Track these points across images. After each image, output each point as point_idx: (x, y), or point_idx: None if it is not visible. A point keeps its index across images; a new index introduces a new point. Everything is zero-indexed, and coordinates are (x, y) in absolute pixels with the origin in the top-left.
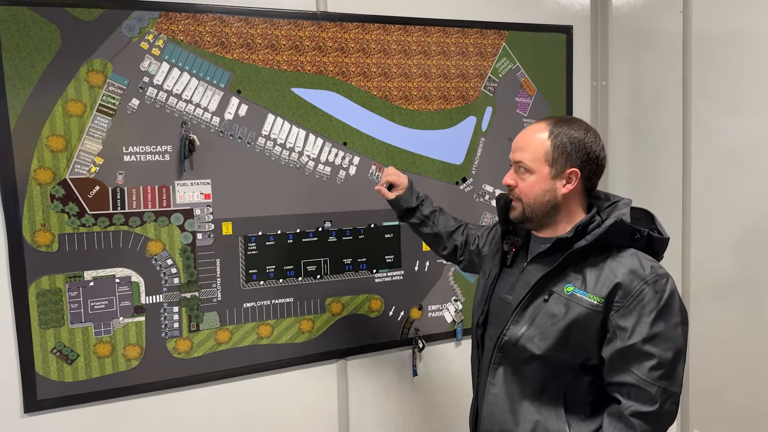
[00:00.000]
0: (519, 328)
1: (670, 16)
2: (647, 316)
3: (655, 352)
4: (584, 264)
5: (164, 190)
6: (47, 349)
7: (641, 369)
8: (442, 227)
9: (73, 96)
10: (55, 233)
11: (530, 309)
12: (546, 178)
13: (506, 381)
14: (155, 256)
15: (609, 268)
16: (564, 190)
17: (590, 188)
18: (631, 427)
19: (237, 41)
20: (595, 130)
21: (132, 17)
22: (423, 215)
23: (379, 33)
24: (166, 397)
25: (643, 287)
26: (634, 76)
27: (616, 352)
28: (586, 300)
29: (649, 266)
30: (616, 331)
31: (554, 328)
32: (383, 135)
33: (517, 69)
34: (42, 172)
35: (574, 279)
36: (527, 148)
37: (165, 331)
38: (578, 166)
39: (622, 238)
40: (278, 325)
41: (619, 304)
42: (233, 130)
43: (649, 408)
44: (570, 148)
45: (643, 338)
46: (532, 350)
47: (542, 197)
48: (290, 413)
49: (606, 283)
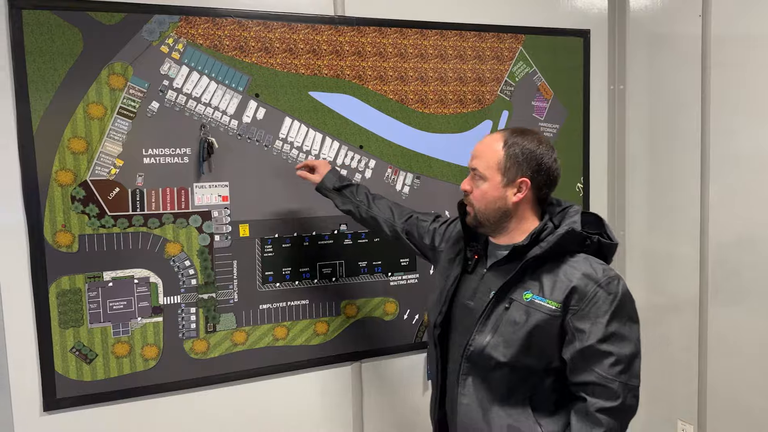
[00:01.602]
0: (484, 337)
1: (689, 19)
2: (602, 317)
3: (613, 350)
4: (540, 270)
5: (183, 192)
6: (67, 348)
7: (602, 367)
8: (380, 211)
9: (94, 99)
10: (75, 234)
11: (492, 318)
12: (498, 186)
13: (476, 390)
14: (173, 258)
15: (564, 273)
16: (515, 199)
17: (542, 198)
18: (598, 423)
19: (255, 45)
20: (550, 143)
21: (153, 21)
22: (357, 200)
23: (396, 37)
24: (183, 397)
25: (597, 290)
26: (652, 80)
27: (577, 353)
28: (545, 306)
29: (601, 269)
30: (575, 333)
31: (517, 335)
32: (399, 138)
33: (534, 73)
34: (63, 174)
35: (532, 286)
36: (482, 157)
37: (182, 332)
38: (529, 176)
39: (574, 245)
40: (294, 327)
41: (575, 307)
42: (251, 133)
43: (612, 403)
44: (522, 159)
45: (600, 338)
46: (498, 358)
47: (493, 204)
48: (305, 415)
49: (562, 288)
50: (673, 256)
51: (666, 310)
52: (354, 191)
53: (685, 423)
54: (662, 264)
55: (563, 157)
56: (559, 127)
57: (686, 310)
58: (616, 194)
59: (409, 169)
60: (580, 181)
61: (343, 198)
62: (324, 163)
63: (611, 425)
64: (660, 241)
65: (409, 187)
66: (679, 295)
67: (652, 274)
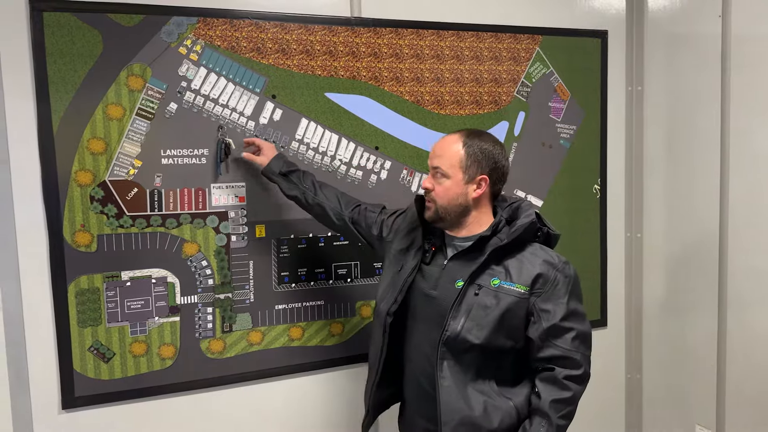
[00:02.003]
0: (458, 323)
1: (708, 20)
2: (563, 297)
3: (574, 326)
4: (503, 259)
5: (200, 192)
6: (85, 347)
7: (565, 341)
8: (327, 200)
9: (113, 100)
10: (94, 234)
11: (464, 304)
12: (460, 182)
13: (452, 372)
14: (191, 258)
15: (527, 260)
16: (474, 195)
17: (496, 193)
18: (566, 387)
19: (272, 47)
20: (502, 143)
21: (171, 23)
22: (304, 186)
23: (412, 38)
24: (199, 396)
25: (556, 274)
26: (670, 81)
27: (543, 332)
28: (514, 290)
29: (555, 256)
30: (540, 313)
31: (489, 318)
32: (415, 139)
33: (551, 74)
34: (82, 174)
35: (498, 273)
36: (444, 156)
37: (199, 332)
38: (487, 173)
39: (530, 235)
40: (309, 328)
41: (539, 290)
42: (268, 134)
43: (577, 372)
44: (481, 158)
45: (562, 316)
46: (472, 340)
47: (456, 200)
48: (320, 415)
49: (528, 273)
50: (691, 258)
51: (684, 312)
52: (300, 177)
53: (704, 428)
54: (681, 266)
55: (579, 159)
56: (576, 128)
57: (705, 312)
58: (633, 196)
59: (425, 170)
60: (597, 183)
61: (289, 183)
62: (270, 146)
63: (576, 390)
64: (678, 242)
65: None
66: (697, 297)
67: (670, 275)
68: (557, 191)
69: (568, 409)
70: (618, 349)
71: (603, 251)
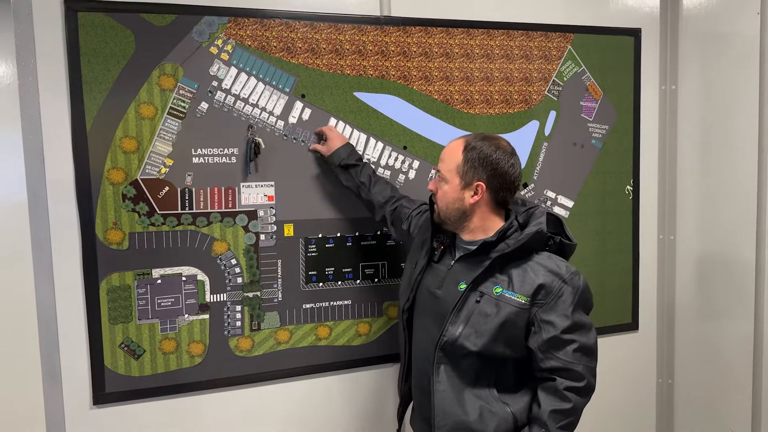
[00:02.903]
0: (456, 329)
1: (745, 17)
2: (567, 309)
3: (576, 338)
4: (508, 267)
5: (230, 191)
6: (116, 343)
7: (566, 353)
8: (376, 195)
9: (145, 99)
10: (125, 232)
11: (464, 310)
12: (457, 188)
13: (449, 377)
14: (220, 256)
15: (531, 270)
16: (471, 201)
17: (501, 200)
18: (566, 398)
19: (302, 46)
20: (510, 149)
21: (202, 23)
22: (360, 181)
23: (441, 37)
24: (228, 394)
25: (561, 285)
26: (705, 80)
27: (543, 343)
28: (515, 300)
29: (564, 266)
30: (541, 324)
31: (488, 326)
32: (444, 139)
33: (583, 72)
34: (115, 172)
35: (501, 281)
36: (445, 160)
37: (228, 329)
38: (484, 179)
39: (539, 244)
40: (336, 327)
41: (542, 301)
42: (297, 134)
43: (578, 384)
44: (478, 164)
45: (564, 328)
46: (469, 347)
47: (453, 204)
48: (347, 415)
49: (530, 283)
50: (726, 263)
51: (719, 317)
52: (358, 172)
53: None
54: (715, 270)
55: (612, 159)
56: (608, 128)
57: (740, 317)
58: (667, 198)
59: None
60: (630, 184)
61: (346, 176)
62: (338, 137)
63: (577, 402)
64: (713, 245)
65: None
66: (732, 302)
67: (704, 280)
68: (588, 192)
69: (568, 420)
70: (649, 353)
71: (635, 253)
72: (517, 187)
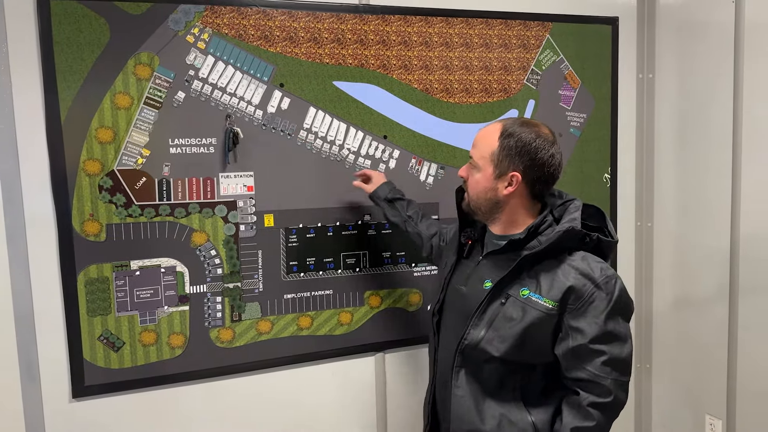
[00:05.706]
0: (478, 332)
1: (721, 6)
2: (598, 316)
3: (606, 349)
4: (538, 267)
5: (209, 182)
6: (95, 336)
7: (594, 365)
8: (424, 230)
9: (121, 89)
10: (103, 223)
11: (488, 312)
12: (490, 177)
13: (468, 382)
14: (199, 247)
15: (561, 271)
16: (505, 192)
17: (537, 193)
18: (589, 416)
19: (280, 35)
20: (551, 138)
21: (178, 11)
22: (407, 214)
23: (420, 25)
24: (209, 385)
25: (594, 290)
26: (682, 69)
27: (569, 351)
28: (542, 304)
29: (599, 268)
30: (569, 331)
31: (512, 331)
32: (423, 128)
33: (561, 61)
34: (91, 163)
35: (529, 282)
36: (479, 146)
37: (208, 321)
38: (521, 170)
39: (573, 243)
40: (318, 317)
41: (572, 306)
42: (276, 123)
43: (604, 399)
44: (515, 152)
45: (593, 337)
46: (492, 352)
47: (484, 194)
48: (328, 404)
49: (559, 287)
50: (702, 249)
51: (695, 302)
52: (405, 206)
53: (714, 418)
54: (691, 256)
55: (590, 147)
56: (586, 116)
57: (716, 302)
58: (644, 185)
59: (433, 159)
60: (607, 172)
61: (393, 210)
62: (380, 175)
63: (601, 420)
64: (689, 233)
65: (433, 178)
66: (708, 287)
67: (680, 266)
68: (566, 180)
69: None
70: None
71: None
72: (556, 179)
